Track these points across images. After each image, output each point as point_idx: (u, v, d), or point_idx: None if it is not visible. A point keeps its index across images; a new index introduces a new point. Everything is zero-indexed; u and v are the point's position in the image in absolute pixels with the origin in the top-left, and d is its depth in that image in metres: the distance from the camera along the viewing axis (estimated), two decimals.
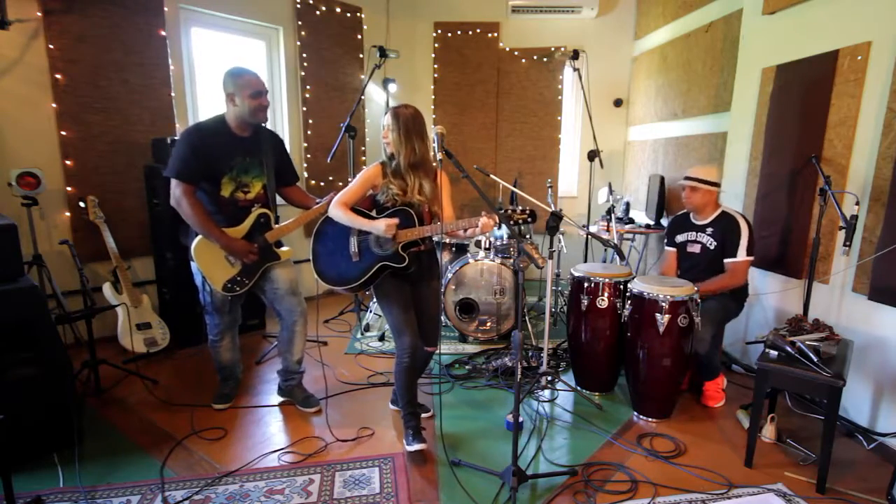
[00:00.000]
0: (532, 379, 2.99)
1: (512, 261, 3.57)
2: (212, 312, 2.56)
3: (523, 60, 5.14)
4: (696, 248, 2.91)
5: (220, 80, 2.37)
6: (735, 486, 2.11)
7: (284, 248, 2.61)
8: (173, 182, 2.32)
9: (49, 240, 3.25)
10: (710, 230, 2.86)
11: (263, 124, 2.51)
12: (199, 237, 2.40)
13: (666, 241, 3.12)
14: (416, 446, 2.25)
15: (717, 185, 2.83)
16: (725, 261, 2.78)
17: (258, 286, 2.57)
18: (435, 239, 2.37)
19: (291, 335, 2.62)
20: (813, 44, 2.79)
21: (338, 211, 2.29)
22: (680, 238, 3.00)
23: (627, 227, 4.10)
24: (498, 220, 2.12)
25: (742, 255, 2.74)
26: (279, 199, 2.66)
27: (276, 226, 2.53)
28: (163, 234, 3.37)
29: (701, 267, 2.86)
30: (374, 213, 2.33)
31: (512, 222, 2.10)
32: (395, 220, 2.20)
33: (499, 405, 2.78)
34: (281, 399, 2.79)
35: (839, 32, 2.63)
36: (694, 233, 2.93)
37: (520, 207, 2.14)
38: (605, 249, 3.97)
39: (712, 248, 2.84)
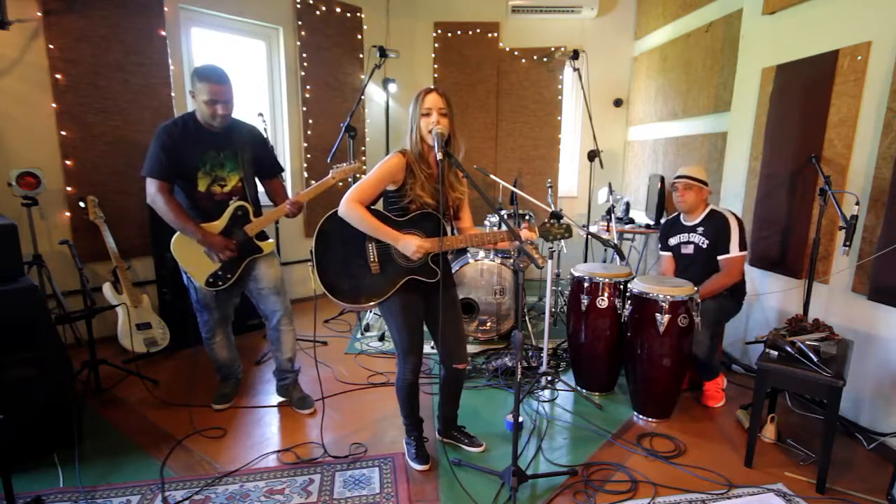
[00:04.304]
0: (532, 379, 2.99)
1: (512, 261, 3.57)
2: (200, 309, 2.56)
3: (523, 60, 5.14)
4: (690, 249, 2.92)
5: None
6: (735, 486, 2.11)
7: (268, 241, 2.58)
8: (148, 180, 2.33)
9: (49, 240, 3.25)
10: (700, 229, 2.87)
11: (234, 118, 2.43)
12: (178, 233, 2.40)
13: (660, 246, 3.13)
14: (419, 466, 2.20)
15: (707, 184, 2.87)
16: (719, 258, 2.78)
17: (244, 284, 2.56)
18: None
19: (278, 334, 2.63)
20: (813, 44, 2.79)
21: (353, 211, 1.89)
22: (673, 241, 3.01)
23: (627, 227, 4.11)
24: (538, 234, 2.02)
25: (735, 250, 2.74)
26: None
27: (256, 219, 2.50)
28: (163, 234, 3.33)
29: (697, 267, 2.87)
30: (378, 209, 2.03)
31: (551, 237, 2.04)
32: (428, 244, 1.93)
33: (499, 405, 2.78)
34: (280, 399, 2.79)
35: (839, 32, 2.63)
36: (686, 234, 2.94)
37: (558, 221, 2.04)
38: (605, 249, 3.97)
39: (705, 246, 2.85)
